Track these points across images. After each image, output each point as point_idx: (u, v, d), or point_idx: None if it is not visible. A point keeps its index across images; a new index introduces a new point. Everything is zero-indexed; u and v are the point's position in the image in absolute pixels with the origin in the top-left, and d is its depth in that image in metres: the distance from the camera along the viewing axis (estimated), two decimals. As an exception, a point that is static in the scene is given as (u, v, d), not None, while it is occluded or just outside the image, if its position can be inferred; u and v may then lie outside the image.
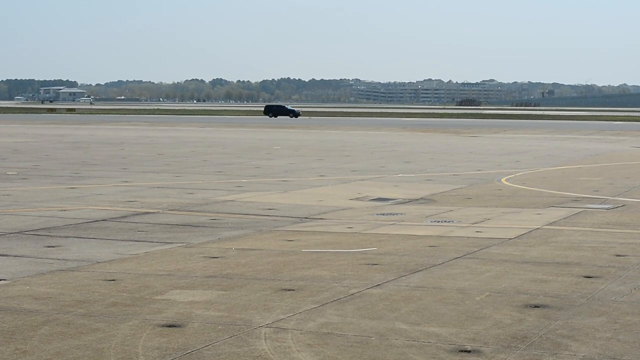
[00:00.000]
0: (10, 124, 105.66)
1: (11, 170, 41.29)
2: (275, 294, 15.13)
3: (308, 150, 58.54)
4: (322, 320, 13.36)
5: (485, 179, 38.54)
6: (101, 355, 11.51)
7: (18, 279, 16.48)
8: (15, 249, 19.87)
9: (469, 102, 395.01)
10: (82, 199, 29.83)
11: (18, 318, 13.38)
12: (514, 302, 14.70)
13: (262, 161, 48.17)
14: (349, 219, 25.40)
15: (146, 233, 22.47)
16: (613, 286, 16.01)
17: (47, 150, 57.13)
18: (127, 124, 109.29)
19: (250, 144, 65.27)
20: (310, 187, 34.49)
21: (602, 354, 11.77)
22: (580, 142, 73.49)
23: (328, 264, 18.01)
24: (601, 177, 39.83)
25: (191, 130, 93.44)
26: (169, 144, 64.74)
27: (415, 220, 25.41)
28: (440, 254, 19.30)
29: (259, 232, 22.75)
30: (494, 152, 58.57)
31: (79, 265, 17.96)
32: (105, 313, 13.74)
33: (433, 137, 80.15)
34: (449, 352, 11.76)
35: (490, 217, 25.84)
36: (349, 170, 42.78)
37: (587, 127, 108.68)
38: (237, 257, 18.82)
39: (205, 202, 29.31)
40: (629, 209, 27.88)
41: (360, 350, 11.80)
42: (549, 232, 22.69)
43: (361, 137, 78.37)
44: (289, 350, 11.81)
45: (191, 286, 15.83)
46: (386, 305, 14.42)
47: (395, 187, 34.83)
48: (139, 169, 42.33)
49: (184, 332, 12.66)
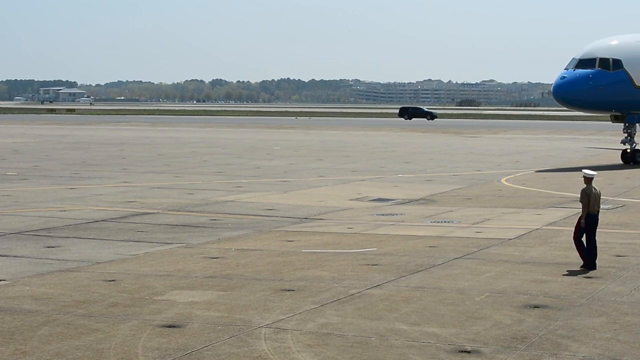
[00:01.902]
0: (10, 125, 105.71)
1: (11, 170, 41.29)
2: (275, 295, 15.14)
3: (308, 151, 58.56)
4: (322, 321, 13.36)
5: (485, 180, 38.55)
6: (101, 356, 11.51)
7: (18, 279, 16.48)
8: (15, 249, 19.87)
9: (468, 102, 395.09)
10: (81, 199, 29.83)
11: (18, 318, 13.38)
12: (514, 302, 14.70)
13: (262, 161, 48.18)
14: (348, 220, 25.41)
15: (146, 233, 22.47)
16: (613, 286, 16.02)
17: (46, 150, 57.14)
18: (127, 125, 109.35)
19: (250, 145, 65.29)
20: (310, 188, 34.49)
21: (602, 354, 11.77)
22: (580, 142, 73.54)
23: (328, 265, 18.01)
24: (601, 177, 39.82)
25: (191, 130, 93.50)
26: (169, 145, 64.76)
27: (415, 220, 25.41)
28: (440, 255, 19.30)
29: (259, 233, 22.76)
30: (494, 153, 58.60)
31: (79, 265, 17.96)
32: (105, 313, 13.74)
33: (433, 137, 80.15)
34: (449, 353, 11.76)
35: (490, 218, 25.85)
36: (348, 171, 42.79)
37: (586, 127, 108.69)
38: (237, 258, 18.83)
39: (205, 202, 29.31)
40: (629, 209, 27.89)
41: (360, 351, 11.80)
42: (548, 233, 22.69)
43: (361, 137, 78.39)
44: (288, 350, 11.81)
45: (191, 287, 15.83)
46: (386, 305, 14.42)
47: (395, 188, 34.83)
48: (139, 170, 42.33)
49: (183, 332, 12.66)
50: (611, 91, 46.24)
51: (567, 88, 46.06)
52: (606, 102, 46.93)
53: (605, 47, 47.58)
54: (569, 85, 46.00)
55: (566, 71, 46.63)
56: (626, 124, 47.51)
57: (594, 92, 45.91)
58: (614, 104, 47.15)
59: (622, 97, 46.68)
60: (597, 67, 46.29)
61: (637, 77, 46.85)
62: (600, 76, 46.06)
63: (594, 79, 45.90)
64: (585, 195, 17.53)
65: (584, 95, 46.08)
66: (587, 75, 45.93)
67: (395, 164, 46.94)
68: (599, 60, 46.49)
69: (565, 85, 46.09)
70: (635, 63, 47.16)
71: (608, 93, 46.21)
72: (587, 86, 45.82)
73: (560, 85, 46.30)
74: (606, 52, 46.99)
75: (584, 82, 45.86)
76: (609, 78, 46.23)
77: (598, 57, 46.62)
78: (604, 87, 45.96)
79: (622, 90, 46.50)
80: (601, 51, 47.08)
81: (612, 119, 48.49)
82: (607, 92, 46.13)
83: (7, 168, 42.61)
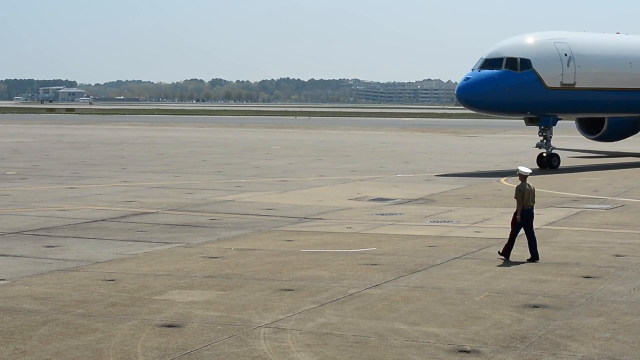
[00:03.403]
0: (10, 124, 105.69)
1: (10, 170, 41.29)
2: (274, 294, 15.14)
3: (307, 151, 58.56)
4: (321, 321, 13.36)
5: (484, 179, 38.54)
6: (100, 355, 11.51)
7: (17, 279, 16.48)
8: (14, 249, 19.87)
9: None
10: (81, 199, 29.83)
11: (17, 318, 13.38)
12: (513, 302, 14.70)
13: (262, 161, 48.18)
14: (348, 219, 25.41)
15: (145, 233, 22.47)
16: (612, 286, 16.02)
17: (46, 150, 57.14)
18: (126, 124, 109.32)
19: (250, 144, 65.29)
20: (310, 187, 34.49)
21: (601, 354, 11.78)
22: (580, 142, 73.53)
23: (327, 264, 18.01)
24: (600, 177, 39.85)
25: (190, 130, 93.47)
26: (169, 144, 64.76)
27: (414, 220, 25.42)
28: (439, 254, 19.31)
29: (258, 232, 22.76)
30: (493, 153, 58.60)
31: (78, 265, 17.96)
32: (105, 313, 13.74)
33: (432, 137, 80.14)
34: (448, 352, 11.76)
35: (490, 217, 25.85)
36: (348, 171, 42.79)
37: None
38: (237, 257, 18.83)
39: (205, 202, 29.31)
40: (628, 209, 27.89)
41: (360, 351, 11.81)
42: (548, 232, 22.70)
43: (360, 137, 78.38)
44: (288, 350, 11.81)
45: (190, 286, 15.83)
46: (385, 305, 14.42)
47: (395, 187, 34.83)
48: (138, 169, 42.33)
49: (183, 332, 12.67)
50: (519, 92, 43.19)
51: (470, 90, 42.89)
52: (514, 104, 43.76)
53: (513, 45, 44.47)
54: (473, 87, 42.86)
55: (471, 72, 43.56)
56: (541, 127, 44.57)
57: (499, 93, 42.77)
58: (523, 106, 43.97)
59: (531, 98, 43.64)
60: (504, 68, 43.14)
61: (547, 77, 43.93)
62: (506, 77, 42.94)
63: (499, 80, 42.77)
64: (519, 192, 18.73)
65: (488, 97, 42.97)
66: (492, 76, 42.78)
67: (395, 164, 46.94)
68: (506, 60, 43.37)
69: (469, 86, 42.92)
70: (546, 63, 44.14)
71: (515, 94, 43.13)
72: (492, 87, 42.70)
73: (464, 87, 43.10)
74: (514, 52, 43.82)
75: (489, 83, 42.76)
76: (516, 79, 43.18)
77: (505, 57, 43.47)
78: (510, 89, 42.83)
79: (531, 91, 43.52)
80: (508, 50, 43.94)
81: (526, 122, 45.37)
82: (515, 93, 43.06)
83: (7, 168, 42.60)
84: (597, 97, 46.93)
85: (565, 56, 44.70)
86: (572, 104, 45.76)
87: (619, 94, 48.06)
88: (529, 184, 18.86)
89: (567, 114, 48.53)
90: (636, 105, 49.54)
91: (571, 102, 45.43)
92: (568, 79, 44.69)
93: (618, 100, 48.19)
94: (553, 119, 44.90)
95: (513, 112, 45.69)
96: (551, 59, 44.40)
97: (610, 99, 47.67)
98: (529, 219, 18.75)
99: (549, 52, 44.52)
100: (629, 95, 48.74)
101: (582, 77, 45.23)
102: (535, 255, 18.69)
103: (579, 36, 48.05)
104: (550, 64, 44.28)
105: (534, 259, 18.60)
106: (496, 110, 44.99)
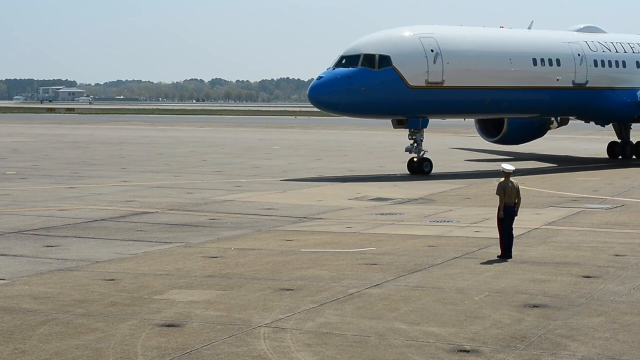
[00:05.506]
0: (10, 124, 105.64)
1: (10, 169, 41.28)
2: (274, 294, 15.14)
3: (307, 150, 58.55)
4: (321, 320, 13.36)
5: (484, 179, 38.52)
6: (100, 355, 11.51)
7: (17, 278, 16.48)
8: (14, 248, 19.87)
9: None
10: (81, 198, 29.83)
11: (17, 318, 13.38)
12: (513, 301, 14.71)
13: (261, 161, 48.17)
14: (347, 219, 25.40)
15: (145, 233, 22.47)
16: (612, 286, 16.02)
17: (46, 150, 57.12)
18: (126, 124, 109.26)
19: (250, 144, 65.27)
20: (309, 187, 34.48)
21: (601, 353, 11.78)
22: (580, 142, 73.55)
23: (327, 264, 18.02)
24: (600, 177, 39.82)
25: (190, 130, 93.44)
26: (168, 144, 64.73)
27: (414, 220, 25.41)
28: (439, 254, 19.31)
29: (258, 232, 22.76)
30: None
31: (78, 264, 17.96)
32: (104, 313, 13.74)
33: (432, 137, 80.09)
34: (448, 352, 11.77)
35: (489, 217, 25.82)
36: (347, 170, 42.78)
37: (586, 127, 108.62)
38: (236, 257, 18.83)
39: (205, 201, 29.31)
40: (628, 208, 27.88)
41: (359, 350, 11.81)
42: (548, 232, 22.71)
43: (360, 137, 78.35)
44: (288, 350, 11.81)
45: (190, 286, 15.83)
46: (385, 305, 14.42)
47: (394, 187, 34.83)
48: (138, 169, 42.33)
49: (183, 331, 12.67)
50: (377, 92, 39.04)
51: (322, 90, 38.69)
52: (372, 105, 39.39)
53: (372, 41, 40.15)
54: (325, 87, 38.68)
55: (326, 70, 39.33)
56: (411, 130, 40.41)
57: (355, 94, 38.63)
58: (383, 107, 39.74)
59: (391, 98, 39.44)
60: (361, 65, 38.91)
61: (410, 75, 39.54)
62: (362, 75, 38.79)
63: (354, 79, 38.60)
64: (501, 189, 19.28)
65: (342, 97, 38.71)
66: (347, 75, 38.61)
67: (394, 163, 46.91)
68: (363, 57, 39.08)
69: (321, 87, 38.74)
70: (408, 59, 39.72)
71: (373, 94, 38.96)
72: (346, 87, 38.50)
73: (316, 87, 38.87)
74: (372, 48, 39.48)
75: (343, 82, 38.51)
76: (373, 77, 38.96)
77: (362, 53, 39.19)
78: (367, 88, 38.69)
79: (390, 91, 39.28)
80: (367, 46, 39.61)
81: (394, 124, 40.87)
82: (372, 93, 38.91)
83: (7, 167, 42.60)
84: (469, 96, 42.02)
85: (432, 52, 40.21)
86: (440, 104, 41.13)
87: (497, 93, 43.01)
88: (513, 182, 19.20)
89: (435, 115, 42.63)
90: (520, 105, 44.68)
91: (439, 102, 40.87)
92: (435, 77, 40.18)
93: (497, 100, 43.10)
94: (423, 121, 40.49)
95: (373, 114, 41.51)
96: (414, 55, 39.96)
97: (486, 99, 42.67)
98: (511, 216, 19.07)
99: (412, 48, 40.09)
100: (510, 95, 43.63)
101: (451, 75, 40.66)
102: (509, 253, 18.81)
103: (450, 30, 43.28)
104: (414, 60, 39.90)
105: (506, 257, 18.69)
106: (352, 111, 40.68)
